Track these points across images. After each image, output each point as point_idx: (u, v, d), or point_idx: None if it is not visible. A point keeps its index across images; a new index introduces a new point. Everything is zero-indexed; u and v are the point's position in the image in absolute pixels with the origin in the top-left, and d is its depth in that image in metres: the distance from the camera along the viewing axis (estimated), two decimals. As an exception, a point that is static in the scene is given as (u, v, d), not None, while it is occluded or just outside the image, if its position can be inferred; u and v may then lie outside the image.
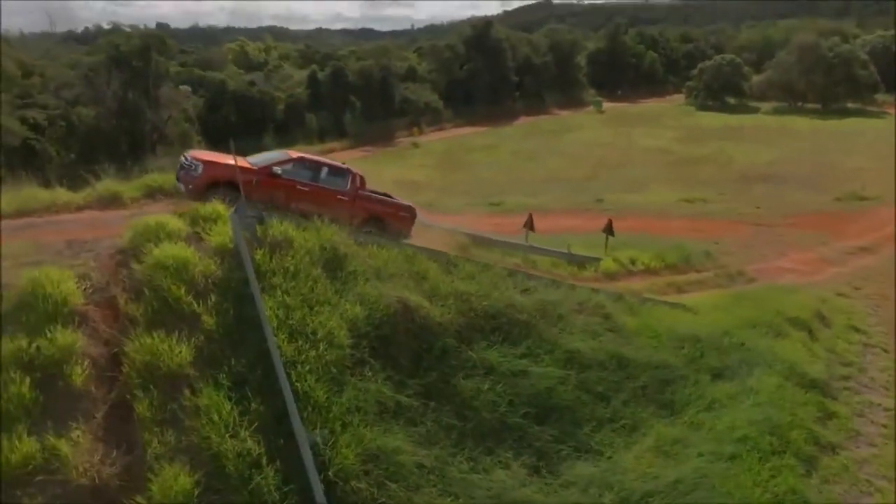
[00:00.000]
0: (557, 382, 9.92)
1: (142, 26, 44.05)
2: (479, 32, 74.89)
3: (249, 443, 7.10)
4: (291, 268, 8.88)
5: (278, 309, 8.36)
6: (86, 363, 7.33)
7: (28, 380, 6.91)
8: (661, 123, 61.98)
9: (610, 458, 9.31)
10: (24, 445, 6.51)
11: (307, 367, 7.88)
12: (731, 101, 74.55)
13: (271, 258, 8.92)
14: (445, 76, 71.80)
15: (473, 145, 50.81)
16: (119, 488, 6.71)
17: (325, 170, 11.96)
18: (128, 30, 43.24)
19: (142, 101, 40.47)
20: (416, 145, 52.67)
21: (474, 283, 10.66)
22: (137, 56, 41.50)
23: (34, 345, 7.16)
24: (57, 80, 42.14)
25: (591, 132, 58.41)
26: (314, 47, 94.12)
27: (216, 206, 9.81)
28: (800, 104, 70.77)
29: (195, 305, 8.13)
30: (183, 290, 8.15)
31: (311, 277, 8.95)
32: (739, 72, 73.17)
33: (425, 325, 9.29)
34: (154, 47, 42.62)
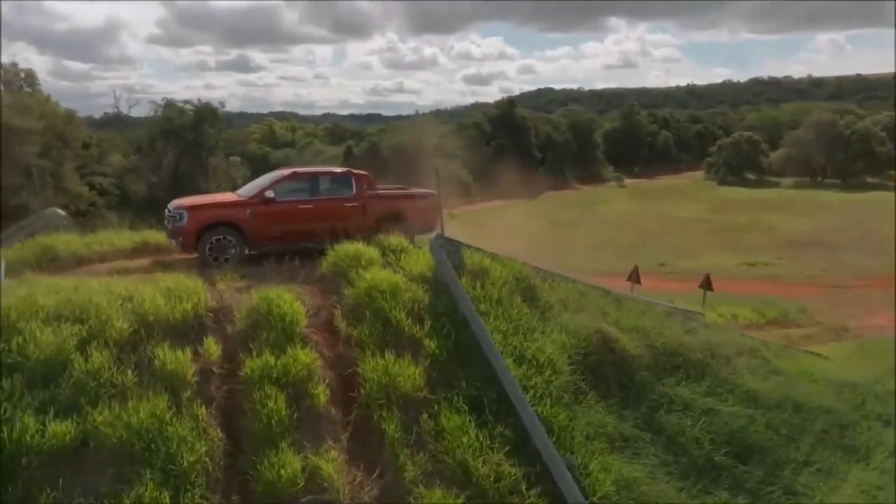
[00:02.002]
0: (748, 422, 9.57)
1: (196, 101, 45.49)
2: (504, 112, 77.91)
3: (505, 466, 6.76)
4: (496, 295, 8.77)
5: (494, 334, 8.19)
6: (325, 383, 7.12)
7: (283, 396, 6.69)
8: (687, 196, 63.09)
9: (821, 502, 8.86)
10: (292, 463, 6.21)
11: (538, 393, 7.63)
12: (751, 176, 76.33)
13: (474, 286, 8.83)
14: (472, 153, 73.98)
15: (509, 215, 51.47)
16: (380, 512, 6.34)
17: (323, 179, 10.55)
18: (181, 105, 44.85)
19: (195, 171, 41.54)
20: (451, 215, 53.44)
21: (646, 320, 10.49)
22: (190, 128, 43.00)
23: (279, 362, 6.97)
24: (112, 151, 43.38)
25: (619, 204, 59.39)
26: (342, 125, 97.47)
27: (400, 239, 9.82)
28: (819, 179, 72.35)
29: (415, 329, 7.96)
30: (403, 314, 8.01)
31: (515, 305, 8.84)
32: (758, 148, 75.37)
33: (624, 358, 9.07)
34: (207, 120, 44.22)
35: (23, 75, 30.98)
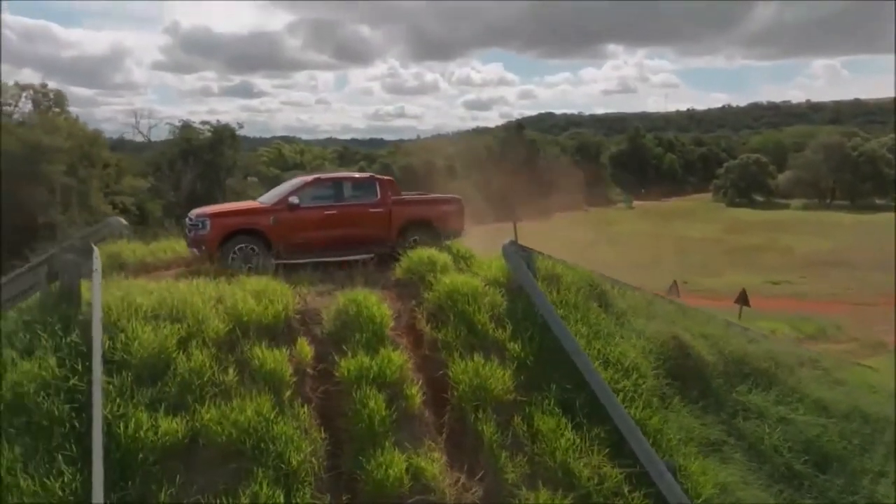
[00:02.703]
0: (821, 431, 9.46)
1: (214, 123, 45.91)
2: (513, 134, 78.59)
3: (606, 468, 6.67)
4: (572, 300, 8.75)
5: (576, 337, 8.14)
6: (419, 384, 7.07)
7: (382, 396, 6.65)
8: (699, 217, 63.18)
9: (904, 512, 8.73)
10: (397, 463, 6.14)
11: (628, 396, 7.56)
12: (759, 198, 76.58)
13: (549, 291, 8.81)
14: (481, 174, 74.46)
15: (526, 235, 51.46)
16: (485, 514, 6.25)
17: (347, 185, 10.24)
18: (198, 126, 45.26)
19: (213, 191, 41.74)
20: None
21: (711, 328, 10.45)
22: (208, 149, 43.36)
23: (374, 363, 6.94)
24: (130, 171, 43.59)
25: (631, 225, 59.48)
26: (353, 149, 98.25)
27: (467, 246, 9.85)
28: (828, 200, 72.59)
29: (497, 332, 7.93)
30: (486, 317, 8.00)
31: (592, 310, 8.82)
32: (766, 170, 75.73)
33: (699, 364, 9.01)
34: (224, 141, 44.58)
35: (52, 96, 31.41)
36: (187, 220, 9.74)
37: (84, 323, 6.47)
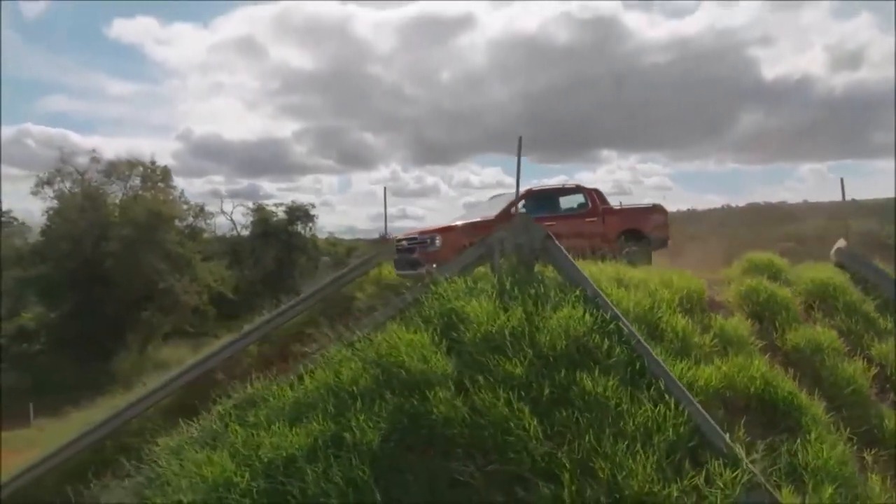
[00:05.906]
0: None
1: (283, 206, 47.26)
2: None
3: None
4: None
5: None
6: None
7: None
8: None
9: None
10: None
11: None
12: (798, 285, 77.13)
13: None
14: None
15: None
16: None
17: (559, 196, 10.16)
18: (272, 208, 46.52)
19: (287, 269, 42.29)
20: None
21: None
22: (283, 230, 44.44)
23: (821, 336, 6.97)
24: (205, 252, 44.30)
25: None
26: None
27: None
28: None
29: (883, 320, 7.98)
30: (872, 307, 8.07)
31: None
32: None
33: None
34: (299, 220, 45.77)
35: (159, 172, 32.52)
36: (401, 243, 9.38)
37: (556, 285, 6.56)
